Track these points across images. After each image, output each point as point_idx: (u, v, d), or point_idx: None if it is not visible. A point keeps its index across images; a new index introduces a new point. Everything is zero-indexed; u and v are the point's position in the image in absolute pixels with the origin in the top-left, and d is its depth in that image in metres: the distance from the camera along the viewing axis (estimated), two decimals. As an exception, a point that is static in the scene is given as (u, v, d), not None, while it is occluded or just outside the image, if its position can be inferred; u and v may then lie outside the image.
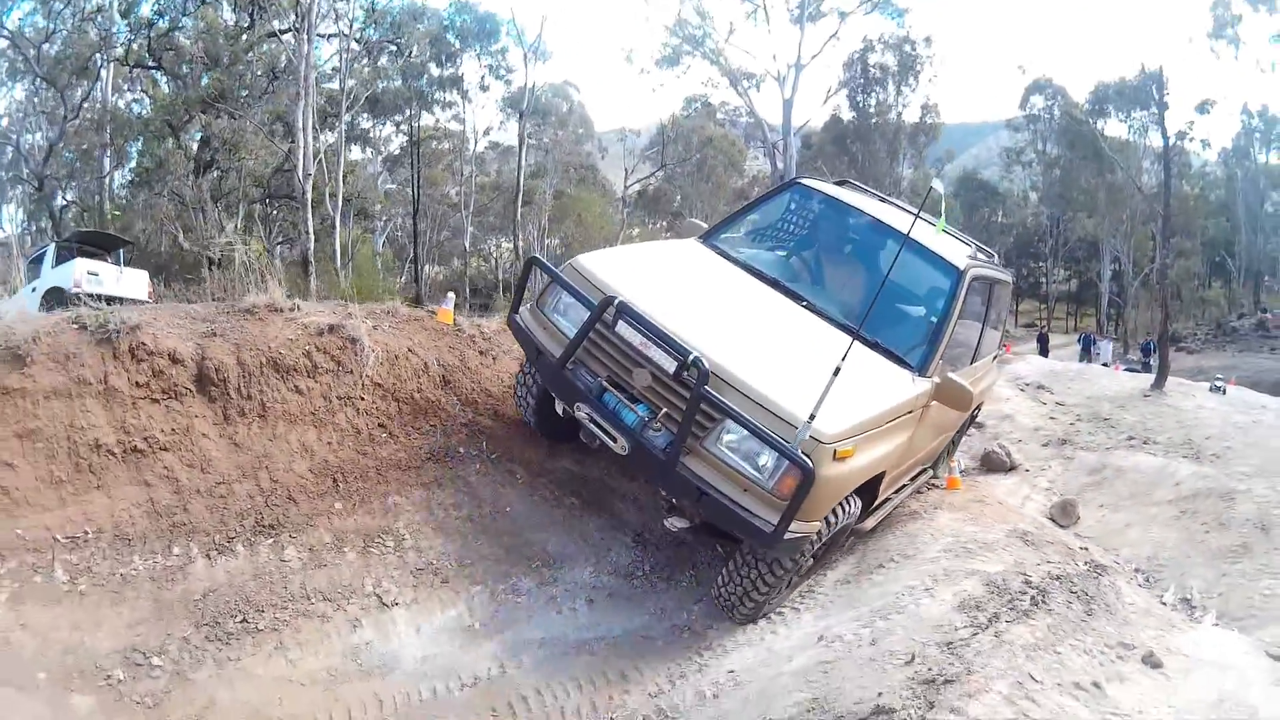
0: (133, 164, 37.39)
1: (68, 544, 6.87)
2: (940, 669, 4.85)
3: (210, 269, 26.71)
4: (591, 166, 57.06)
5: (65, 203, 36.09)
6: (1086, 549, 7.65)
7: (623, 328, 6.53)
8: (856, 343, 6.34)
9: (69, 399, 7.42)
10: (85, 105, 34.35)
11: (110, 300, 15.02)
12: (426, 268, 48.46)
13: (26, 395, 7.26)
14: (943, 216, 7.56)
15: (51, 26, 31.95)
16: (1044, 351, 36.53)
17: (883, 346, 7.17)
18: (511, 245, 56.12)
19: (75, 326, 7.66)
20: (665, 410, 6.39)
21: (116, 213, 33.59)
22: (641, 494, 8.06)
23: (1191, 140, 55.29)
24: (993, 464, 12.01)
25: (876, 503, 7.55)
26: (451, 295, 11.04)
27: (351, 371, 8.07)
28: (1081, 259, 67.53)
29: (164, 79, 34.97)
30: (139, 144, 36.86)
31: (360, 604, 6.77)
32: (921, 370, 7.26)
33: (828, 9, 39.16)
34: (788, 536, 5.93)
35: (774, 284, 7.76)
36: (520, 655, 6.45)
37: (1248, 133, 61.29)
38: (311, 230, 27.01)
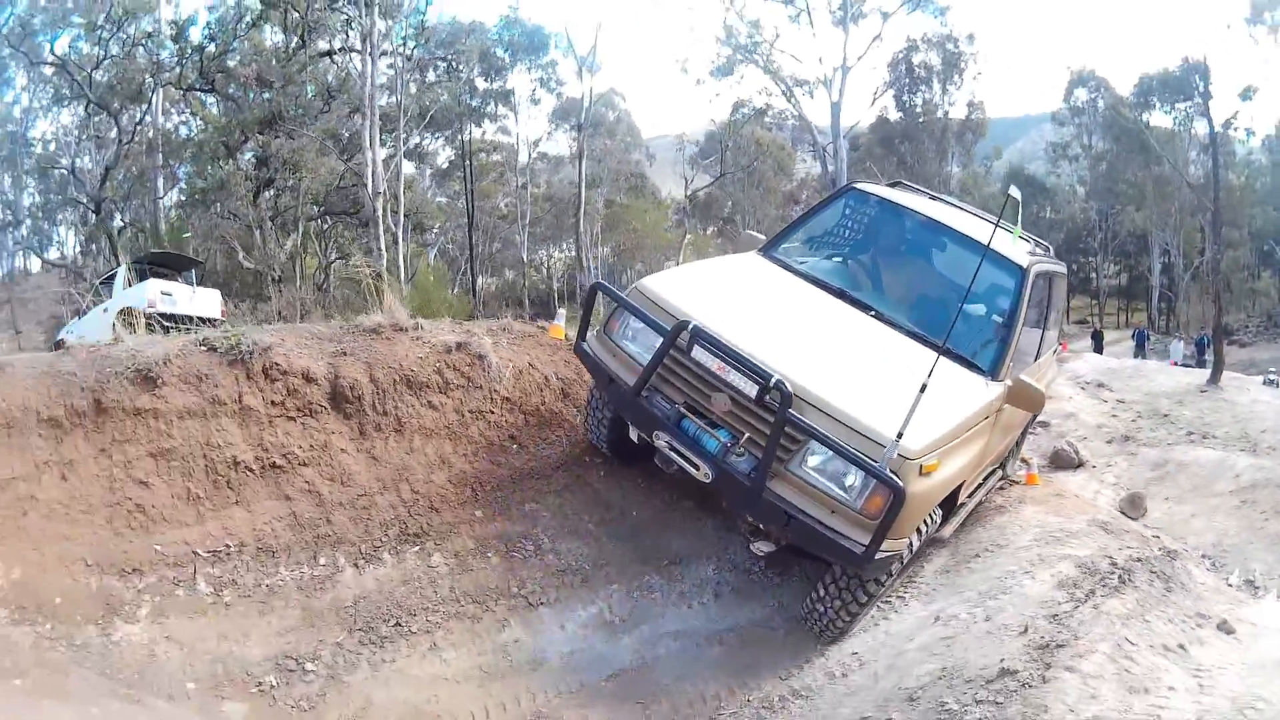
0: (182, 184, 37.95)
1: (209, 558, 7.28)
2: (1051, 636, 5.39)
3: (276, 287, 27.34)
4: (640, 174, 57.25)
5: (122, 225, 36.40)
6: (1158, 537, 8.11)
7: (698, 352, 6.47)
8: (929, 349, 6.57)
9: (204, 418, 7.80)
10: (137, 129, 34.83)
11: (184, 320, 14.73)
12: (479, 279, 48.97)
13: (159, 416, 7.64)
14: (1019, 224, 7.58)
15: (101, 53, 32.54)
16: (1099, 349, 36.75)
17: (954, 352, 6.98)
18: (562, 255, 56.81)
19: (204, 348, 8.07)
20: (747, 435, 6.35)
21: (186, 234, 34.16)
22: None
23: (1236, 129, 54.56)
24: (1061, 461, 12.53)
25: (955, 508, 7.61)
26: (563, 311, 11.53)
27: (481, 387, 8.52)
28: (1131, 253, 66.69)
29: (214, 101, 35.55)
30: (187, 166, 37.28)
31: (507, 604, 7.22)
32: (993, 374, 7.23)
33: (869, 9, 39.21)
34: (878, 556, 5.96)
35: (840, 294, 7.73)
36: (658, 647, 6.88)
37: (1291, 117, 60.78)
38: (384, 247, 27.24)
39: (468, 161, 44.42)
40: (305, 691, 6.38)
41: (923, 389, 5.70)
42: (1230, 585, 7.43)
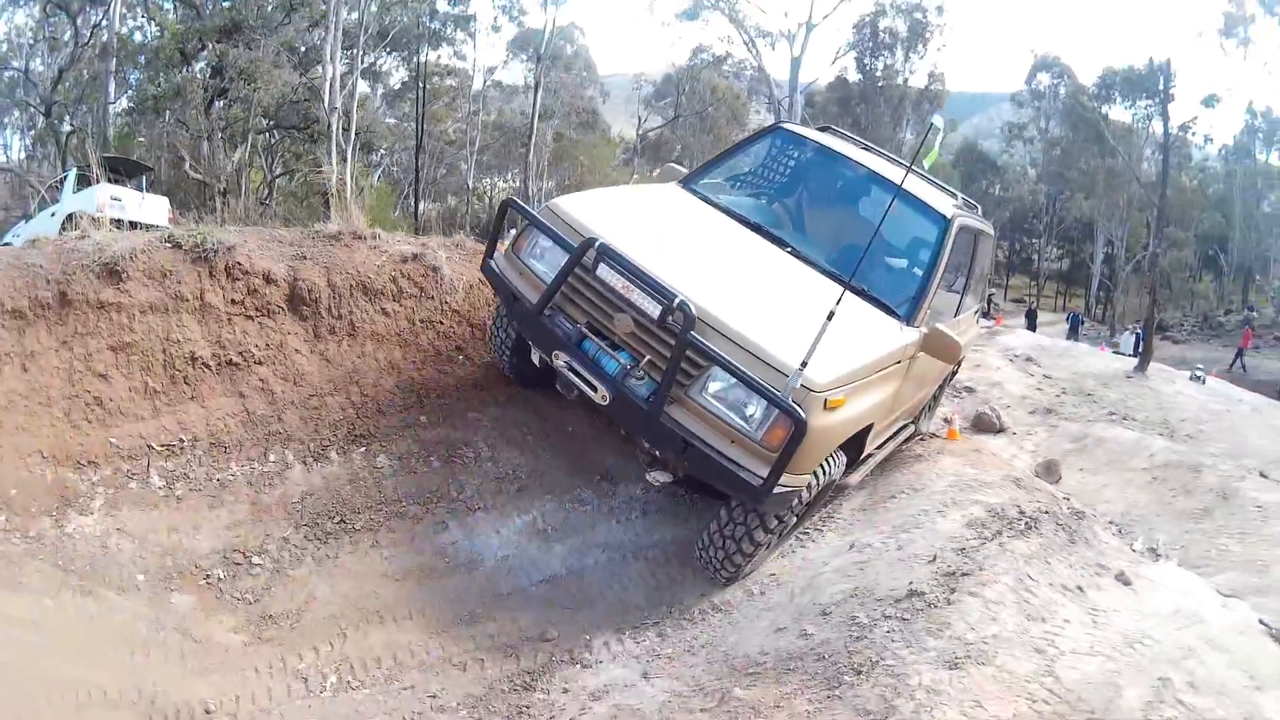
0: (131, 91, 37.35)
1: (163, 452, 7.54)
2: (958, 566, 5.81)
3: (222, 198, 27.40)
4: (593, 111, 57.24)
5: (71, 129, 35.59)
6: (1068, 499, 8.45)
7: (604, 271, 6.40)
8: (845, 290, 6.27)
9: (165, 314, 8.01)
10: (94, 32, 34.48)
11: (132, 225, 14.80)
12: (422, 204, 49.16)
13: (122, 309, 7.84)
14: (936, 148, 6.96)
15: (63, -49, 31.76)
16: (1032, 326, 37.37)
17: (870, 294, 7.14)
18: (506, 185, 56.96)
19: (170, 245, 8.22)
20: (648, 358, 6.25)
21: (139, 140, 34.17)
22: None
23: (1194, 135, 56.68)
24: (983, 425, 13.02)
25: (862, 457, 7.59)
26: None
27: (433, 298, 8.81)
28: (1075, 239, 68.70)
29: (173, 7, 35.34)
30: (139, 73, 36.93)
31: (447, 507, 7.54)
32: (909, 320, 7.26)
33: None
34: (777, 490, 5.87)
35: (757, 229, 7.72)
36: (586, 558, 7.19)
37: (1250, 131, 62.83)
38: (335, 163, 27.23)
39: (421, 84, 44.51)
40: (251, 584, 6.68)
41: (829, 316, 5.69)
42: (1134, 550, 7.70)
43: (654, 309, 6.03)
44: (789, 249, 7.47)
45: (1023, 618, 5.31)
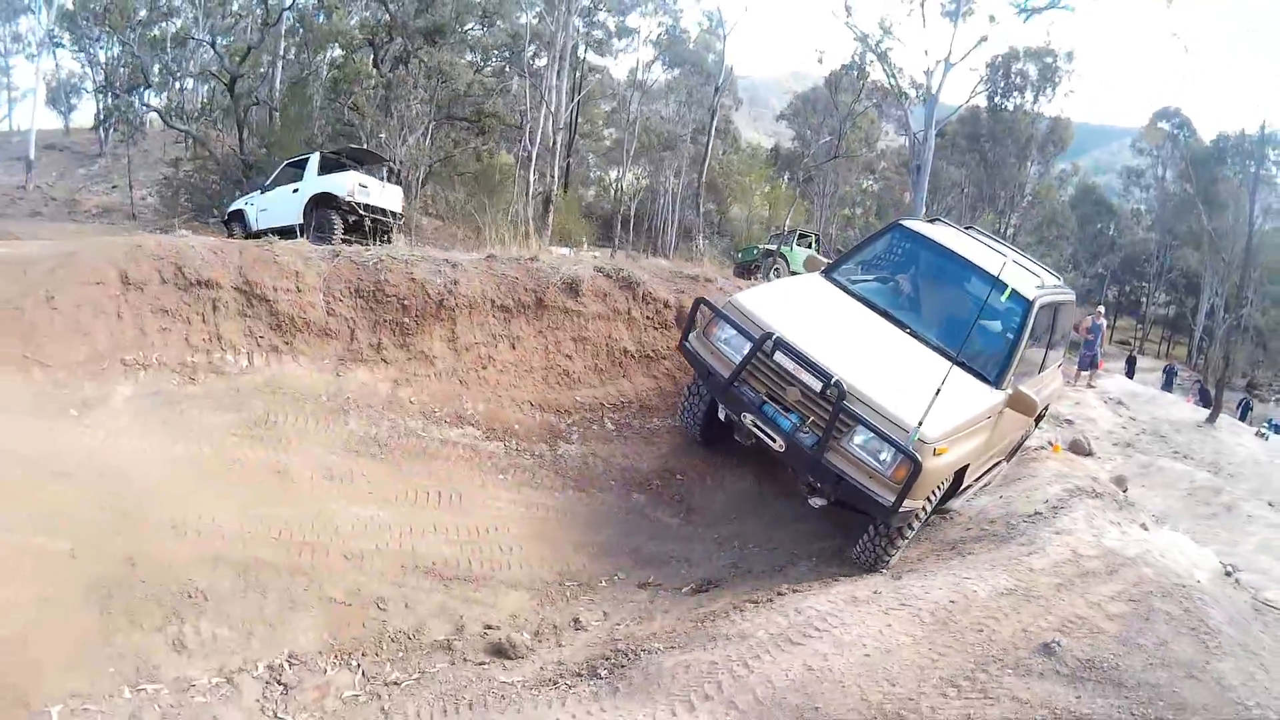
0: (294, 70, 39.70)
1: (611, 408, 10.88)
2: (1058, 505, 9.88)
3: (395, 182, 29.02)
4: (728, 119, 59.13)
5: (255, 102, 37.53)
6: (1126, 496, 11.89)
7: (779, 356, 8.07)
8: (947, 361, 8.07)
9: (607, 320, 11.40)
10: (281, 16, 36.60)
11: (373, 210, 18.74)
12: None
13: (580, 315, 11.26)
14: (1009, 289, 8.55)
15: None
16: (1130, 373, 39.62)
17: (967, 365, 8.52)
18: (633, 178, 59.61)
19: (603, 275, 11.72)
20: (811, 418, 8.02)
21: (350, 124, 35.73)
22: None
23: (1299, 199, 56.94)
24: (1077, 448, 16.28)
25: (963, 487, 9.33)
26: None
27: None
28: (1181, 289, 68.15)
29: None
30: (309, 54, 39.58)
31: None
32: (997, 383, 8.82)
33: (979, 7, 41.64)
34: (901, 510, 7.54)
35: (884, 314, 9.29)
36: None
37: (1357, 197, 62.42)
38: (558, 173, 29.68)
39: (577, 93, 47.04)
40: (680, 490, 10.04)
41: (937, 392, 7.42)
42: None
43: (816, 385, 7.95)
44: (908, 330, 9.21)
45: (1087, 525, 9.20)
